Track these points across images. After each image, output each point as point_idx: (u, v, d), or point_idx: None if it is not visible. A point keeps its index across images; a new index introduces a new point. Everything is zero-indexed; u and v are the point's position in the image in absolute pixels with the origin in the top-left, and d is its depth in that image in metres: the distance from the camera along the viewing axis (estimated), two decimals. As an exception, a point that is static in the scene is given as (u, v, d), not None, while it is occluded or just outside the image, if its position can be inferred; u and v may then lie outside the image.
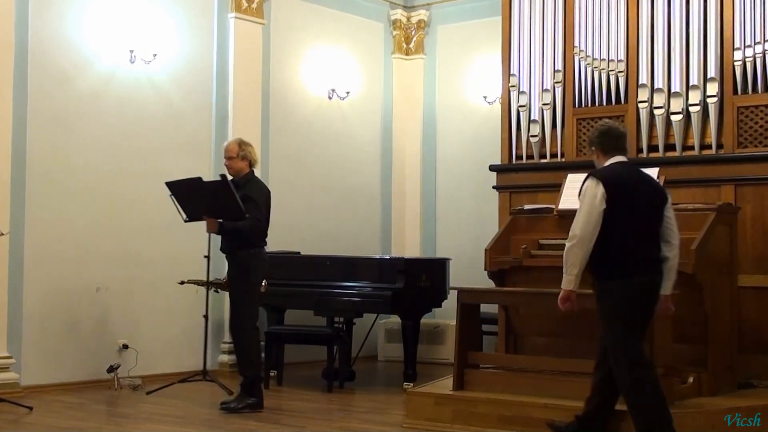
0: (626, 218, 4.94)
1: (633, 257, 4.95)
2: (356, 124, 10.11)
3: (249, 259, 6.77)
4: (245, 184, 6.84)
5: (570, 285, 5.01)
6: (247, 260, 6.77)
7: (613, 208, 4.92)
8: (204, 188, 6.83)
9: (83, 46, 7.87)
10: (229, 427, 6.27)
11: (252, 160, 6.93)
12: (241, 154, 6.85)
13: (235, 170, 6.88)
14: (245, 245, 6.75)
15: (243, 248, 6.76)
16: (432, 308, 8.29)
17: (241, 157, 6.86)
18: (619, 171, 5.09)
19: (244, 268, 6.78)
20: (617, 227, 4.92)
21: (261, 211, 6.76)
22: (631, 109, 7.54)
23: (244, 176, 6.88)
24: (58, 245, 7.63)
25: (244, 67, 8.95)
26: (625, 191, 4.99)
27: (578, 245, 4.93)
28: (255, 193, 6.80)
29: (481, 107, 9.95)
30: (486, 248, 6.89)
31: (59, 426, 6.21)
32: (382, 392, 7.87)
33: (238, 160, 6.87)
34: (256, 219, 6.72)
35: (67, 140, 7.74)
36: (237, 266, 6.82)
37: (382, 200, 10.36)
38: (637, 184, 5.09)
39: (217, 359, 8.71)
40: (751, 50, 7.05)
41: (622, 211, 4.94)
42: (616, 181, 5.00)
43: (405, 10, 10.50)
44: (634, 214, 4.97)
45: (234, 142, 6.94)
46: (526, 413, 5.79)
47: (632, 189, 5.02)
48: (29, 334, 7.46)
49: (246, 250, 6.76)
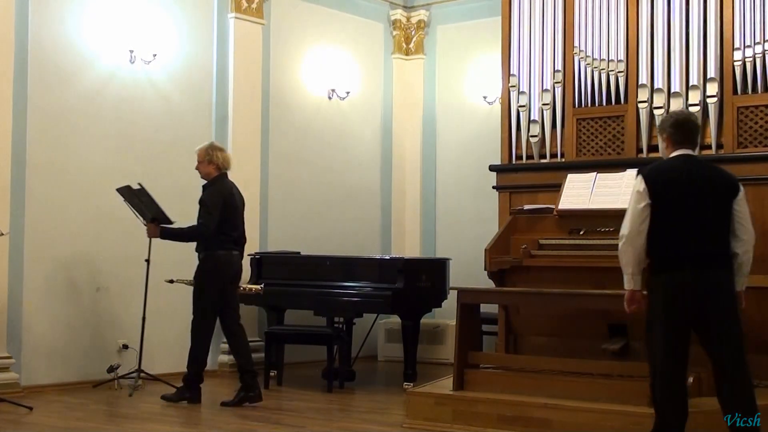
0: (670, 213, 4.83)
1: (673, 252, 4.83)
2: (356, 124, 10.11)
3: (207, 262, 7.02)
4: (208, 188, 7.08)
5: (629, 285, 4.90)
6: (206, 263, 7.03)
7: (657, 204, 4.83)
8: (137, 195, 7.12)
9: (83, 46, 7.87)
10: (228, 427, 6.27)
11: (220, 164, 7.11)
12: (207, 158, 7.10)
13: (204, 174, 7.14)
14: (208, 248, 7.00)
15: (204, 251, 7.04)
16: (432, 308, 8.29)
17: (207, 162, 7.11)
18: (670, 166, 4.98)
19: (202, 269, 7.04)
20: (661, 222, 4.83)
21: (210, 216, 6.93)
22: (630, 109, 7.54)
23: (211, 180, 7.09)
24: (58, 245, 7.64)
25: (244, 67, 8.96)
26: (671, 186, 4.87)
27: (626, 243, 4.86)
28: (208, 199, 7.02)
29: (481, 107, 9.96)
30: (486, 248, 6.89)
31: (59, 426, 6.21)
32: (382, 392, 7.88)
33: (206, 164, 7.11)
34: (201, 224, 6.96)
35: (67, 140, 7.74)
36: (198, 268, 7.08)
37: (382, 200, 10.36)
38: (690, 179, 4.91)
39: (217, 359, 8.71)
40: (751, 50, 7.04)
41: (666, 206, 4.84)
42: (661, 176, 4.91)
43: (405, 11, 10.50)
44: (680, 209, 4.84)
45: (203, 147, 7.17)
46: (526, 413, 5.79)
47: (680, 183, 4.89)
48: (29, 334, 7.46)
49: (207, 252, 7.02)
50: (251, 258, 8.59)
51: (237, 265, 7.15)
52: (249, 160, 8.99)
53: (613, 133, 7.63)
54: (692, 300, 4.78)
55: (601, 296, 6.05)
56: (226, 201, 7.03)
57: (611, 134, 7.64)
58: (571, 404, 5.69)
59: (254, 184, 9.05)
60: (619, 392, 5.75)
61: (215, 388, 7.68)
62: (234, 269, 7.13)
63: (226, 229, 7.00)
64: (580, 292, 6.09)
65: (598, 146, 7.68)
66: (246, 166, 8.94)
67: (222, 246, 7.00)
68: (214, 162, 7.08)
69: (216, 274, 7.00)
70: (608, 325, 6.39)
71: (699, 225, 4.83)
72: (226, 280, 7.07)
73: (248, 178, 8.97)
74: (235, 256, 7.11)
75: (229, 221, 7.02)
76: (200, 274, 7.05)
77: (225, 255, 7.02)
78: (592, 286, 6.27)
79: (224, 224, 6.99)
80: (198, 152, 7.15)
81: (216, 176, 7.09)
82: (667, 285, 4.80)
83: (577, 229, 6.75)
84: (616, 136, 7.61)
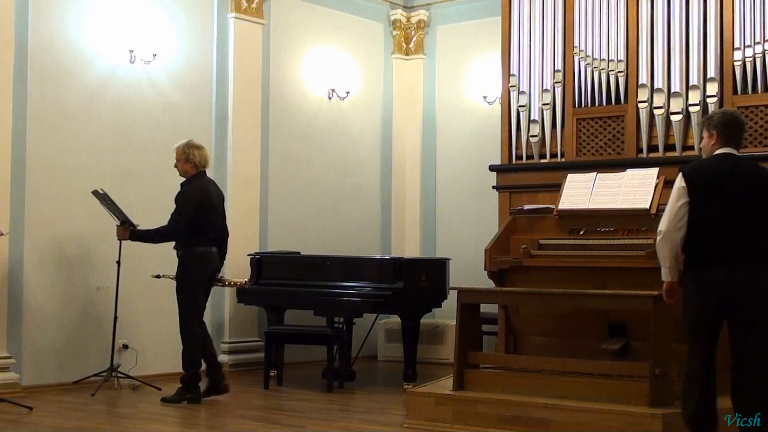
0: (706, 211, 4.87)
1: (707, 250, 4.86)
2: (356, 124, 10.11)
3: (185, 260, 7.12)
4: (185, 186, 7.19)
5: (666, 277, 4.99)
6: (184, 261, 7.13)
7: (695, 202, 4.89)
8: (104, 198, 7.24)
9: (83, 46, 7.87)
10: (228, 427, 6.27)
11: (197, 162, 7.20)
12: (184, 156, 7.21)
13: (182, 172, 7.26)
14: (186, 245, 7.10)
15: (181, 248, 7.12)
16: (432, 308, 8.28)
17: (185, 160, 7.21)
18: (710, 164, 5.01)
19: (182, 267, 7.13)
20: (697, 220, 4.88)
21: (180, 215, 7.05)
22: (630, 109, 7.54)
23: (189, 178, 7.22)
24: (58, 244, 7.63)
25: (244, 67, 8.95)
26: (709, 185, 4.91)
27: (663, 239, 4.93)
28: (181, 198, 7.13)
29: (481, 107, 9.95)
30: (486, 248, 6.89)
31: (59, 426, 6.21)
32: (382, 392, 7.87)
33: (183, 162, 7.23)
34: (169, 225, 7.08)
35: (67, 140, 7.74)
36: (178, 266, 7.17)
37: (382, 200, 10.36)
38: (730, 178, 4.92)
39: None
40: (751, 50, 7.05)
41: (704, 204, 4.88)
42: (700, 174, 4.95)
43: (405, 11, 10.50)
44: (717, 208, 4.86)
45: (180, 145, 7.27)
46: (526, 413, 5.79)
47: (719, 182, 4.90)
48: (29, 334, 7.46)
49: (184, 249, 7.12)
50: (251, 258, 8.60)
51: (216, 262, 7.28)
52: (249, 160, 9.00)
53: (613, 133, 7.63)
54: (722, 298, 4.81)
55: (601, 296, 6.05)
56: (202, 199, 7.13)
57: (611, 134, 7.64)
58: (571, 404, 5.69)
59: (254, 184, 9.05)
60: (619, 392, 5.74)
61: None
62: (214, 266, 7.24)
63: (203, 226, 7.11)
64: (580, 292, 6.09)
65: (598, 146, 7.69)
66: (246, 166, 8.95)
67: (200, 243, 7.11)
68: (191, 160, 7.19)
69: (197, 271, 7.11)
70: (608, 325, 6.38)
71: (735, 224, 4.85)
72: (208, 275, 7.19)
73: (248, 178, 8.98)
74: (214, 253, 7.21)
75: (205, 219, 7.12)
76: (182, 272, 7.14)
77: (204, 251, 7.13)
78: (592, 286, 6.27)
79: (201, 222, 7.09)
80: (176, 150, 7.25)
81: (193, 174, 7.20)
82: (699, 282, 4.85)
83: (577, 229, 6.75)
84: (616, 136, 7.62)
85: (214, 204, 7.23)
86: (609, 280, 6.29)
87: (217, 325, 8.69)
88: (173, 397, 7.06)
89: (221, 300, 8.72)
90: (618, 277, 6.31)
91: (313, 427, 6.27)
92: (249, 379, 8.18)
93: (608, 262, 6.43)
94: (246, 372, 8.55)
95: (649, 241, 6.26)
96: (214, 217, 7.21)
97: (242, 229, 8.82)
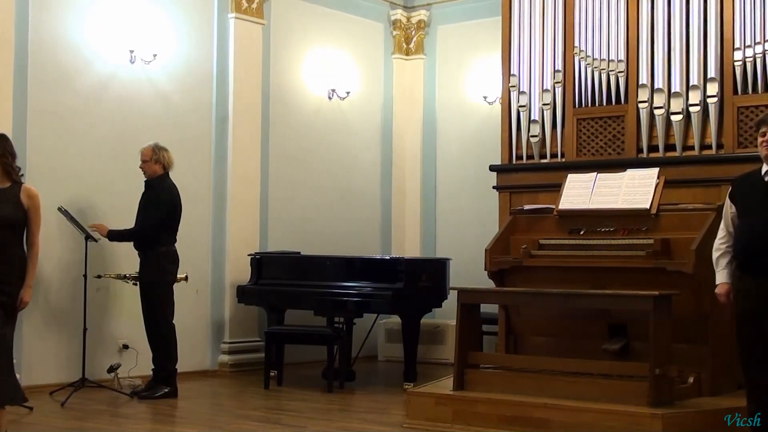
0: (745, 220, 4.99)
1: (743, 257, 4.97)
2: (356, 124, 10.11)
3: (162, 259, 7.37)
4: (154, 186, 7.44)
5: (718, 279, 5.15)
6: (160, 260, 7.37)
7: (738, 211, 5.07)
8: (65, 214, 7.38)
9: (83, 46, 7.87)
10: (228, 427, 6.27)
11: (165, 164, 7.46)
12: (154, 158, 7.45)
13: (149, 173, 7.46)
14: (151, 245, 7.36)
15: (149, 248, 7.37)
16: (432, 308, 8.28)
17: (154, 161, 7.46)
18: (753, 174, 5.09)
19: (159, 267, 7.35)
20: (741, 228, 5.02)
21: (157, 214, 7.32)
22: (631, 109, 7.54)
23: (157, 178, 7.43)
24: (58, 244, 7.63)
25: (244, 67, 8.95)
26: (750, 192, 5.02)
27: (716, 243, 5.18)
28: (158, 198, 7.37)
29: (481, 107, 9.95)
30: (486, 248, 6.89)
31: (59, 426, 6.22)
32: (382, 392, 7.87)
33: (152, 164, 7.45)
34: (140, 226, 7.35)
35: (67, 140, 7.74)
36: (150, 264, 7.38)
37: (382, 200, 10.36)
38: None
39: (218, 359, 8.71)
40: (751, 50, 7.04)
41: (744, 213, 5.02)
42: (742, 183, 5.12)
43: (405, 11, 10.50)
44: (753, 216, 4.95)
45: (149, 147, 7.48)
46: (526, 413, 5.79)
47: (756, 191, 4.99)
48: (29, 334, 7.46)
49: (157, 248, 7.34)
50: (251, 258, 8.60)
51: (178, 260, 7.51)
52: (249, 160, 9.00)
53: (614, 133, 7.63)
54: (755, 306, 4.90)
55: (601, 296, 6.06)
56: (174, 199, 7.45)
57: (611, 134, 7.64)
58: (571, 404, 5.69)
59: (254, 184, 9.05)
60: (619, 392, 5.74)
61: (215, 388, 7.69)
62: (177, 263, 7.49)
63: (171, 225, 7.42)
64: (580, 292, 6.09)
65: (599, 146, 7.69)
66: (246, 166, 8.95)
67: (172, 241, 7.42)
68: (160, 161, 7.44)
69: (173, 270, 7.42)
70: (608, 325, 6.39)
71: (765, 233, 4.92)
72: (173, 273, 7.45)
73: (248, 178, 8.98)
74: (176, 251, 7.48)
75: (174, 218, 7.44)
76: (159, 271, 7.36)
77: (175, 250, 7.43)
78: (592, 286, 6.27)
79: (170, 221, 7.40)
80: (144, 152, 7.46)
81: (161, 175, 7.43)
82: (740, 288, 4.99)
83: (577, 229, 6.75)
84: (617, 136, 7.62)
85: (180, 204, 7.52)
86: (609, 280, 6.29)
87: (217, 325, 8.69)
88: (148, 394, 7.24)
89: (221, 300, 8.72)
90: (618, 277, 6.31)
91: (313, 427, 6.27)
92: (249, 379, 8.18)
93: (608, 262, 6.43)
94: (246, 372, 8.55)
95: (650, 242, 6.27)
96: (179, 216, 7.50)
97: (242, 229, 8.83)
